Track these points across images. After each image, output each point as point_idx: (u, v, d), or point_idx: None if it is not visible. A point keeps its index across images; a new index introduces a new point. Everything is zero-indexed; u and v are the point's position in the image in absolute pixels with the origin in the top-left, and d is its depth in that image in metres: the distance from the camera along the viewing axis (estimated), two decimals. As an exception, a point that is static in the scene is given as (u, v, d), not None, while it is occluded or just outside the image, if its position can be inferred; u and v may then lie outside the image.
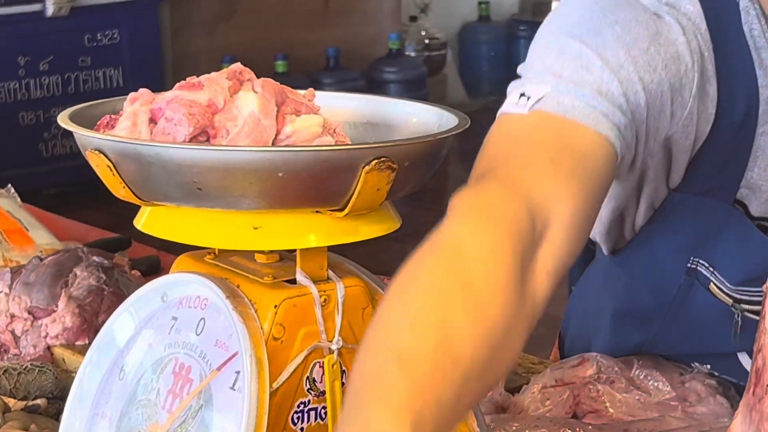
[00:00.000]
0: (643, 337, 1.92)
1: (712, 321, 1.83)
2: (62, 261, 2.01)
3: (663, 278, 1.88)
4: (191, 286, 1.37)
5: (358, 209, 1.31)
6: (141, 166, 1.32)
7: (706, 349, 1.85)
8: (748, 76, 1.71)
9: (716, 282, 1.83)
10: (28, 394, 1.75)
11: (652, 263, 1.88)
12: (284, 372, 1.31)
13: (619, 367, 1.71)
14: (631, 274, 1.94)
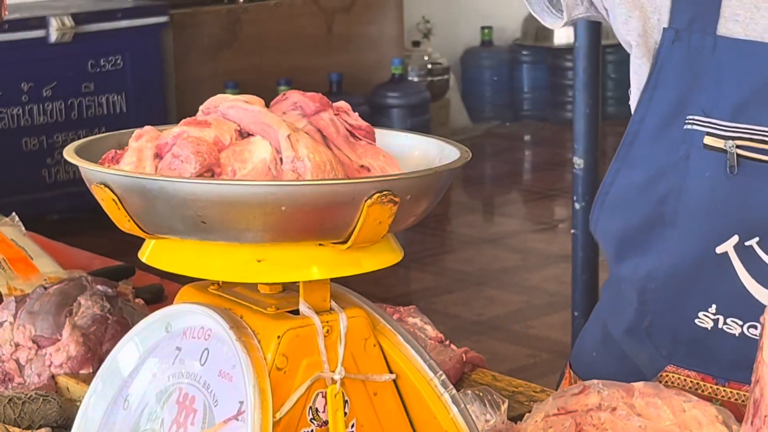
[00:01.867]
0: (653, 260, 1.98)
1: (714, 177, 1.88)
2: (66, 290, 2.02)
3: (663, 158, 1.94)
4: (195, 317, 1.38)
5: (361, 242, 1.32)
6: (146, 201, 1.33)
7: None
8: None
9: (710, 130, 1.88)
10: (33, 423, 1.75)
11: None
12: (287, 402, 1.31)
13: (620, 394, 1.71)
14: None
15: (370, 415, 1.37)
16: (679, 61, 1.93)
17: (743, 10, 1.90)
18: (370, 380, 1.37)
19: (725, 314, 1.91)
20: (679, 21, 1.93)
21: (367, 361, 1.37)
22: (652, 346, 2.00)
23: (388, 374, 1.38)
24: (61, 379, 1.90)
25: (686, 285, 1.95)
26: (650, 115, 1.95)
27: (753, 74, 1.89)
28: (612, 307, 2.11)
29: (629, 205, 1.99)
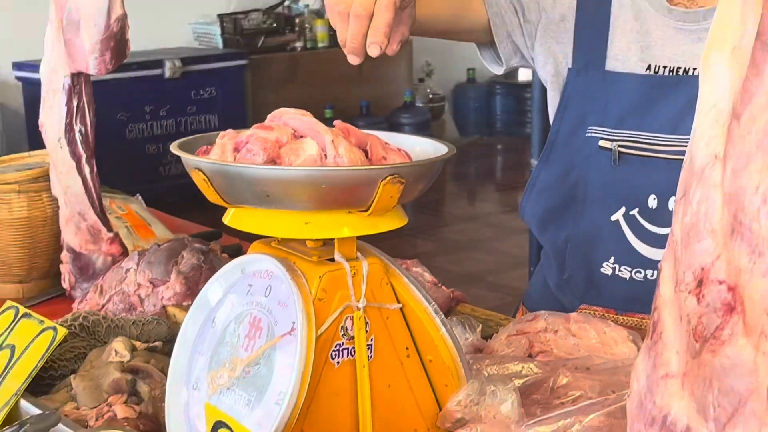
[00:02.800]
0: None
1: (604, 168, 1.93)
2: (174, 247, 2.02)
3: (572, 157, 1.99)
4: (262, 263, 1.38)
5: (378, 210, 1.32)
6: (227, 180, 1.33)
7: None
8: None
9: (602, 136, 1.93)
10: (149, 338, 1.75)
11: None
12: (325, 323, 1.32)
13: (561, 321, 1.71)
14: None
15: (383, 333, 1.37)
16: (580, 90, 1.98)
17: (621, 52, 1.94)
18: (384, 308, 1.37)
19: (619, 264, 1.96)
20: (578, 63, 1.99)
21: (382, 294, 1.37)
22: (570, 291, 2.01)
23: (396, 304, 1.38)
24: (169, 308, 1.90)
25: (592, 245, 1.99)
26: (562, 128, 2.01)
27: (628, 96, 1.93)
28: (546, 265, 2.12)
29: (550, 192, 2.04)
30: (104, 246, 2.08)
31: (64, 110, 1.99)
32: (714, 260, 0.95)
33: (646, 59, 1.92)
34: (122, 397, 1.54)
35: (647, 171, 1.90)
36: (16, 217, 2.15)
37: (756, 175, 0.89)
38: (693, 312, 0.97)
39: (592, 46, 1.97)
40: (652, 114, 1.90)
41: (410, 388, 1.39)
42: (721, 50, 1.00)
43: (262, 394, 1.31)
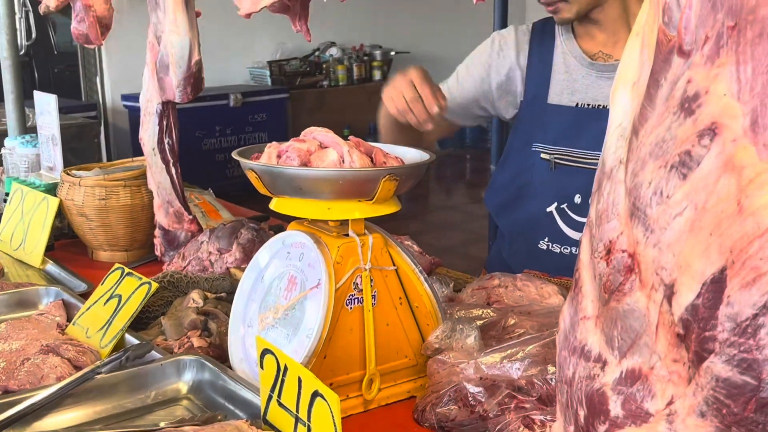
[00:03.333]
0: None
1: (543, 174, 1.97)
2: (235, 225, 2.02)
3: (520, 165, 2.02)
4: (297, 237, 1.38)
5: (379, 200, 1.31)
6: (272, 178, 1.33)
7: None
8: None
9: (543, 151, 1.96)
10: (217, 290, 1.75)
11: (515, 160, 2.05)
12: (342, 279, 1.31)
13: (510, 279, 1.71)
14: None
15: (383, 287, 1.36)
16: (528, 117, 2.00)
17: (558, 88, 1.95)
18: (384, 269, 1.36)
19: (552, 243, 1.97)
20: (528, 97, 2.00)
21: (382, 259, 1.36)
22: (517, 260, 2.01)
23: (392, 266, 1.37)
24: (231, 269, 1.90)
25: (533, 228, 2.01)
26: (515, 143, 2.04)
27: (562, 123, 1.94)
28: (500, 241, 2.13)
29: (505, 189, 2.07)
30: (185, 225, 2.08)
31: (156, 128, 1.98)
32: (619, 235, 0.95)
33: (574, 99, 1.94)
34: (197, 332, 1.54)
35: (574, 177, 1.92)
36: (123, 204, 2.15)
37: (649, 175, 0.89)
38: (603, 272, 0.97)
39: (538, 86, 1.99)
40: (579, 137, 1.91)
41: (402, 326, 1.38)
42: (624, 84, 1.00)
43: (296, 330, 1.31)
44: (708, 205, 0.82)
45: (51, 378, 1.39)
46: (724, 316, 0.81)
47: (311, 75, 8.26)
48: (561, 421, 1.06)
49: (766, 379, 0.79)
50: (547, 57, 1.99)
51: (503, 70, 2.02)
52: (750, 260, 0.79)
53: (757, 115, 0.79)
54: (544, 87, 1.98)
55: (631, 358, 0.94)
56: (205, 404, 1.35)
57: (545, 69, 1.98)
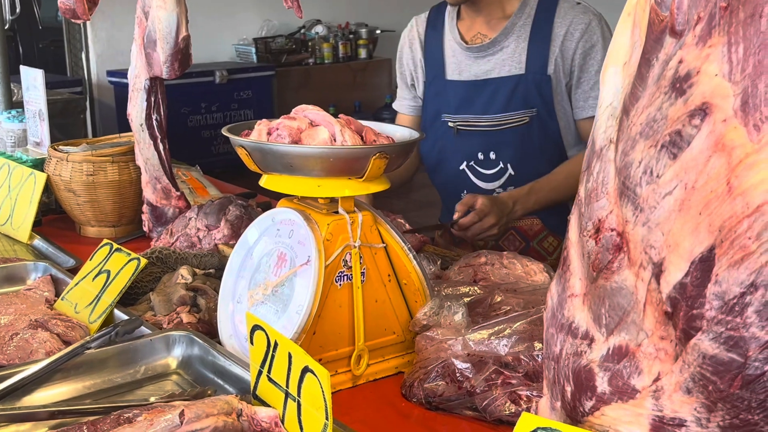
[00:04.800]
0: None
1: (451, 138, 2.20)
2: (223, 202, 2.00)
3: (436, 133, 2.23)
4: (287, 213, 1.37)
5: (370, 177, 1.31)
6: (263, 155, 1.32)
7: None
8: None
9: (449, 119, 2.20)
10: (206, 267, 1.74)
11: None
12: (332, 257, 1.31)
13: (497, 256, 1.71)
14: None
15: (372, 264, 1.36)
16: (433, 94, 2.25)
17: (451, 68, 2.21)
18: (373, 247, 1.35)
19: (468, 193, 2.17)
20: (429, 78, 2.27)
21: (372, 237, 1.36)
22: (449, 212, 2.20)
23: (381, 243, 1.37)
24: (220, 246, 1.89)
25: (453, 184, 2.22)
26: (428, 117, 2.27)
27: (458, 95, 2.19)
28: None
29: (430, 155, 2.29)
30: (173, 201, 2.06)
31: (144, 104, 1.96)
32: (608, 214, 0.94)
33: (462, 76, 2.19)
34: (186, 308, 1.54)
35: (474, 138, 2.16)
36: (110, 180, 2.13)
37: (638, 154, 0.89)
38: (592, 250, 0.97)
39: (436, 67, 2.23)
40: (472, 105, 2.16)
41: (391, 303, 1.38)
42: (615, 64, 0.99)
43: (286, 306, 1.30)
44: (698, 184, 0.82)
45: (40, 353, 1.38)
46: (711, 294, 0.82)
47: (297, 53, 8.19)
48: (548, 397, 1.07)
49: (752, 356, 0.79)
50: (439, 41, 2.23)
51: (412, 64, 2.30)
52: (738, 239, 0.79)
53: (748, 95, 0.79)
54: (441, 67, 2.22)
55: (618, 335, 0.94)
56: (195, 379, 1.34)
57: (439, 52, 2.23)
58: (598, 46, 2.04)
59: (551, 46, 2.05)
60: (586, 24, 2.04)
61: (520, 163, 2.11)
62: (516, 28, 2.09)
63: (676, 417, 0.86)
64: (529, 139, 2.10)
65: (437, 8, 2.27)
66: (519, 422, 0.92)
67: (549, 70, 2.05)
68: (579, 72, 2.06)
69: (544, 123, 2.09)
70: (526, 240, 2.19)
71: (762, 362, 0.79)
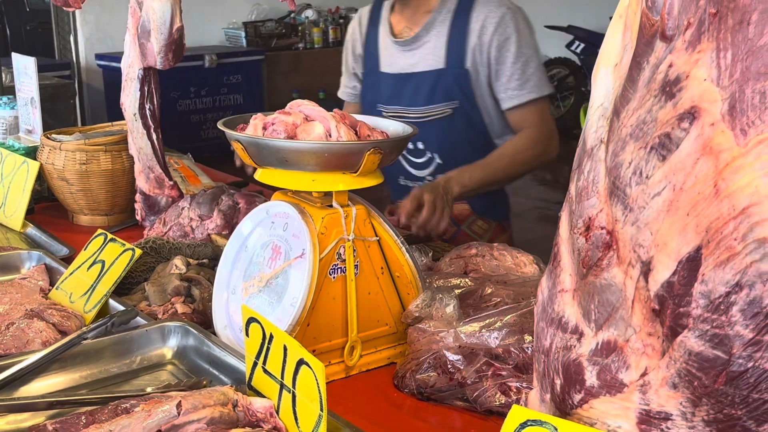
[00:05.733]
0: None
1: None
2: (215, 191, 2.01)
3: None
4: (281, 207, 1.38)
5: (364, 172, 1.32)
6: (258, 149, 1.33)
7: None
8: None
9: (383, 110, 2.28)
10: (199, 257, 1.75)
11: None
12: (326, 250, 1.32)
13: (487, 248, 1.72)
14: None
15: (366, 257, 1.38)
16: (369, 85, 2.35)
17: (384, 60, 2.30)
18: (366, 240, 1.37)
19: (405, 179, 2.32)
20: (367, 69, 2.36)
21: (365, 230, 1.37)
22: (394, 196, 2.32)
23: (375, 237, 1.39)
24: (213, 236, 1.90)
25: (393, 171, 2.30)
26: (366, 106, 2.37)
27: (389, 86, 2.26)
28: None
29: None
30: (166, 191, 2.07)
31: (138, 94, 1.97)
32: (598, 212, 0.96)
33: (393, 69, 2.26)
34: (181, 298, 1.55)
35: None
36: (103, 169, 2.14)
37: (628, 155, 0.91)
38: (582, 248, 0.99)
39: (372, 60, 2.32)
40: (400, 97, 2.23)
41: (384, 295, 1.40)
42: (606, 65, 1.01)
43: (281, 298, 1.32)
44: (686, 186, 0.84)
45: (36, 342, 1.40)
46: (698, 293, 0.84)
47: (287, 37, 8.17)
48: (537, 390, 1.09)
49: (736, 353, 0.82)
50: (376, 34, 2.30)
51: (353, 56, 2.41)
52: (725, 240, 0.82)
53: (736, 100, 0.81)
54: (376, 59, 2.30)
55: (607, 331, 0.97)
56: (190, 369, 1.36)
57: (375, 44, 2.31)
58: (512, 38, 2.09)
59: (468, 40, 2.11)
60: (500, 17, 2.09)
61: (447, 153, 2.20)
62: (437, 23, 2.16)
63: (662, 411, 0.88)
64: (454, 130, 2.18)
65: (379, 2, 2.36)
66: (509, 415, 0.94)
67: (467, 63, 2.12)
68: (496, 64, 2.11)
69: (467, 115, 2.16)
70: (457, 224, 2.26)
71: (746, 359, 0.82)
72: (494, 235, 2.29)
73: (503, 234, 2.33)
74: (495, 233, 2.30)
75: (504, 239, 2.29)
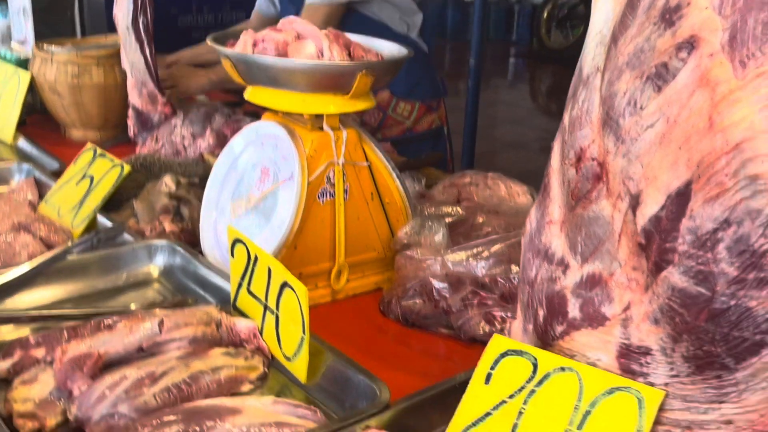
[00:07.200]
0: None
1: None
2: (209, 110, 1.99)
3: None
4: (271, 128, 1.36)
5: (356, 94, 1.29)
6: (247, 66, 1.30)
7: None
8: None
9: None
10: (190, 175, 1.74)
11: None
12: (315, 173, 1.30)
13: (481, 176, 1.71)
14: None
15: (355, 182, 1.36)
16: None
17: None
18: (357, 165, 1.35)
19: None
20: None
21: (356, 154, 1.35)
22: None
23: (365, 162, 1.36)
24: (205, 155, 1.89)
25: None
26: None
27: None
28: None
29: None
30: (159, 107, 2.04)
31: (131, 5, 1.92)
32: (590, 143, 0.95)
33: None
34: (169, 217, 1.54)
35: None
36: (96, 82, 2.10)
37: (624, 85, 0.88)
38: (572, 179, 0.97)
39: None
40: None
41: (373, 220, 1.39)
42: (608, -10, 0.97)
43: (268, 220, 1.31)
44: (680, 118, 0.82)
45: (23, 255, 1.39)
46: (685, 228, 0.83)
47: (292, -46, 7.98)
48: (520, 320, 1.09)
49: (719, 291, 0.81)
50: None
51: None
52: (716, 176, 0.80)
53: (737, 30, 0.78)
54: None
55: (592, 264, 0.96)
56: (176, 288, 1.36)
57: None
58: None
59: None
60: None
61: None
62: None
63: (642, 345, 0.88)
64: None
65: None
66: (490, 344, 0.94)
67: None
68: None
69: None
70: (383, 110, 2.32)
71: (729, 297, 0.81)
72: (420, 114, 2.36)
73: (431, 113, 2.39)
74: (420, 113, 2.35)
75: (433, 118, 2.37)
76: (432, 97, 2.39)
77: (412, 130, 2.33)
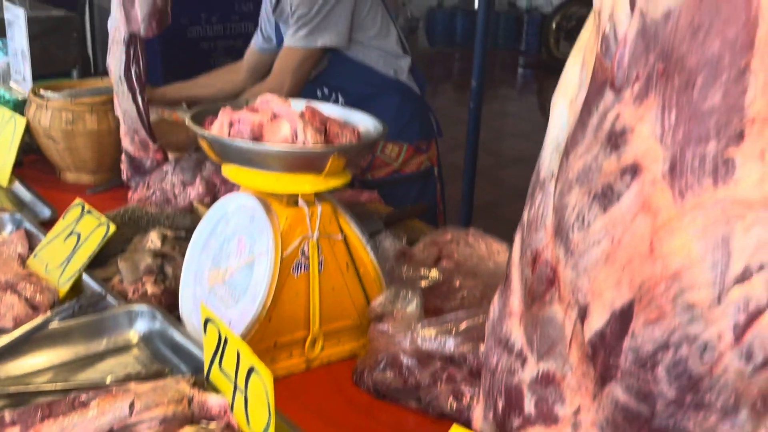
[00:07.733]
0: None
1: None
2: (200, 157, 2.01)
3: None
4: (248, 200, 1.38)
5: (330, 173, 1.31)
6: (223, 148, 1.33)
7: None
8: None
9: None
10: (177, 227, 1.76)
11: None
12: (290, 247, 1.32)
13: (462, 235, 1.72)
14: None
15: (330, 254, 1.38)
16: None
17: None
18: (332, 238, 1.37)
19: None
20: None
21: (331, 227, 1.37)
22: None
23: (340, 234, 1.38)
24: (195, 204, 1.91)
25: None
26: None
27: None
28: None
29: None
30: (151, 153, 2.07)
31: (123, 57, 1.95)
32: (544, 247, 0.97)
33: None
34: (152, 277, 1.57)
35: None
36: (89, 129, 2.14)
37: (573, 199, 0.91)
38: (529, 278, 1.00)
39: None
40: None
41: (348, 291, 1.41)
42: (564, 98, 1.00)
43: (244, 292, 1.33)
44: (623, 240, 0.85)
45: (7, 318, 1.43)
46: (627, 346, 0.85)
47: (301, -35, 8.01)
48: (482, 407, 1.12)
49: (659, 410, 0.84)
50: None
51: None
52: (656, 300, 0.82)
53: (677, 161, 0.80)
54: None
55: (547, 362, 0.98)
56: (155, 355, 1.39)
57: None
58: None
59: None
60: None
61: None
62: None
63: (590, 452, 0.90)
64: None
65: None
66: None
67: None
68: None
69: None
70: (372, 152, 2.36)
71: (668, 417, 0.84)
72: (407, 156, 2.39)
73: (420, 155, 2.42)
74: (408, 155, 2.39)
75: (422, 159, 2.41)
76: (422, 138, 2.42)
77: (399, 171, 2.36)
